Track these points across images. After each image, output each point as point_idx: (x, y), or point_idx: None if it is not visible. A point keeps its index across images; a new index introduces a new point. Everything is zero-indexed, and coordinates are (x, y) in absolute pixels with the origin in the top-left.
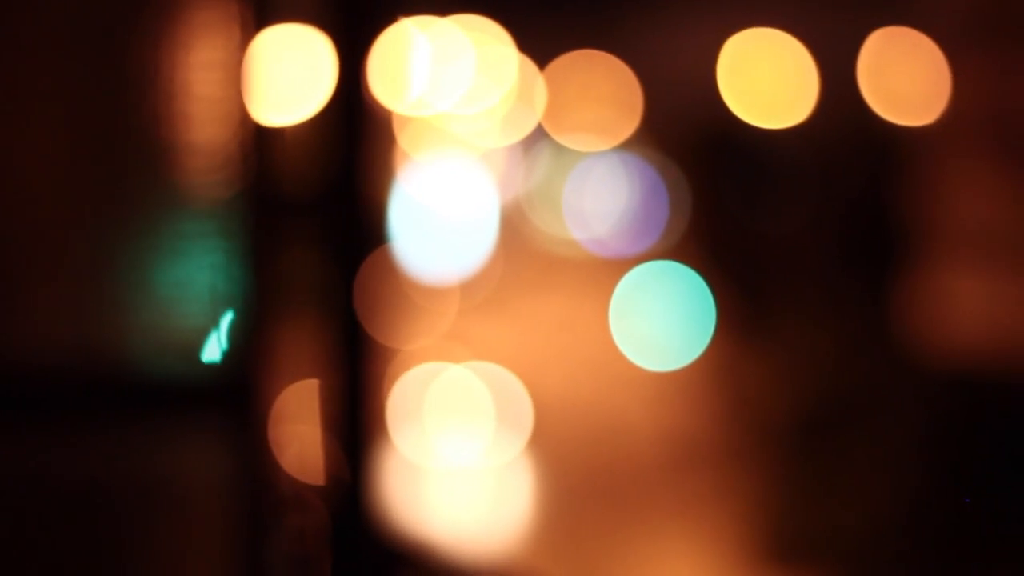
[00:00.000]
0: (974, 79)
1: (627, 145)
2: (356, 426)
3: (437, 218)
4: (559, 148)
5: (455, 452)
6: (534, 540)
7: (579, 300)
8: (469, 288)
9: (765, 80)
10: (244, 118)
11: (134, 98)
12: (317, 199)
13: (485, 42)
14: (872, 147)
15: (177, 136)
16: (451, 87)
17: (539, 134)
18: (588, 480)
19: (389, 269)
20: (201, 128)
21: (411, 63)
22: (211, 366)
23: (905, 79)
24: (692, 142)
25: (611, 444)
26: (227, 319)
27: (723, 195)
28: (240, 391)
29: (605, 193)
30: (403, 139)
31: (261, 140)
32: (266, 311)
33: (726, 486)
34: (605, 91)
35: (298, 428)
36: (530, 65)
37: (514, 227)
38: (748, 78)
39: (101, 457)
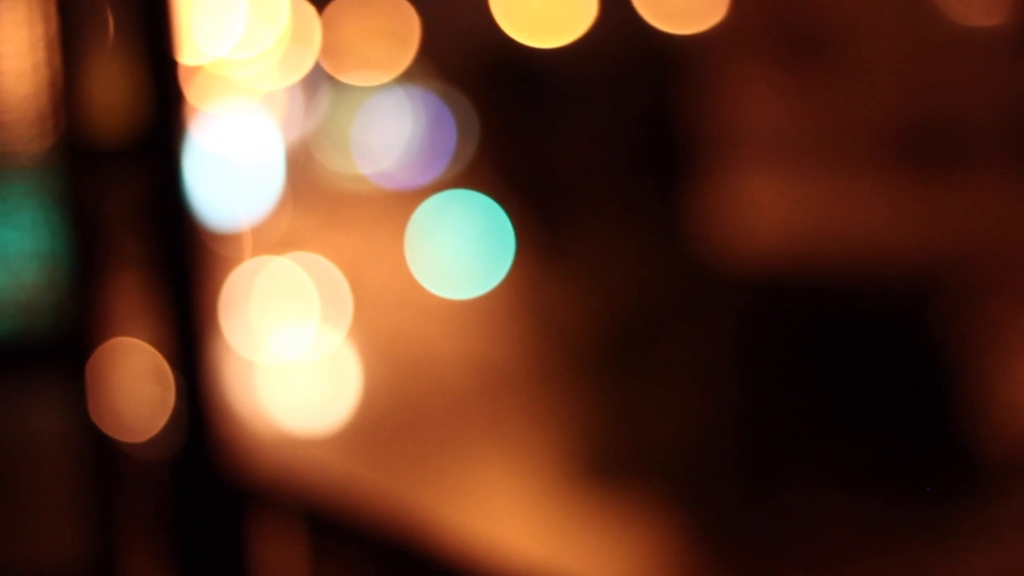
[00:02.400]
0: None
1: (409, 78)
2: (190, 365)
3: (224, 166)
4: (341, 86)
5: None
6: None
7: (374, 236)
8: (262, 232)
9: (537, 1)
10: (50, 73)
11: None
12: (127, 146)
13: None
14: (652, 59)
15: None
16: (225, 33)
17: (319, 74)
18: (404, 414)
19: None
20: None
21: (188, 12)
22: (42, 322)
23: None
24: (473, 69)
25: (421, 376)
26: (53, 274)
27: (509, 119)
28: (74, 344)
29: (390, 127)
30: (188, 88)
31: (68, 94)
32: (90, 261)
33: (539, 408)
34: (382, 26)
35: (133, 376)
36: (306, 7)
37: (301, 167)
38: (521, 1)
39: None
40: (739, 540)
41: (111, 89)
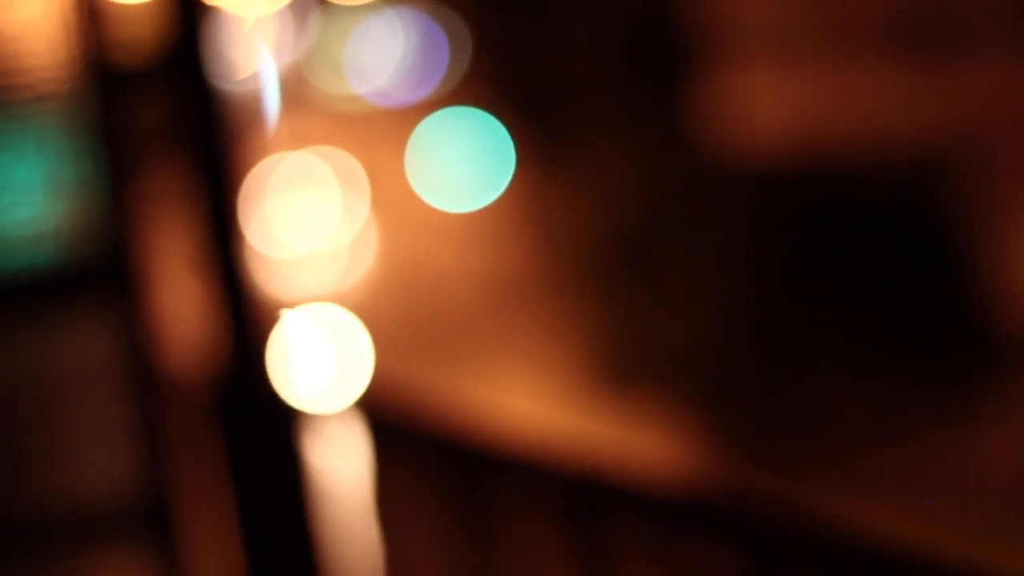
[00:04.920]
0: None
1: None
2: (231, 292)
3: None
4: (331, 8)
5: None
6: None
7: (374, 154)
8: (260, 170)
9: None
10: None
11: None
12: (156, 65)
13: None
14: None
15: None
16: None
17: None
18: (417, 329)
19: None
20: (27, 14)
21: None
22: (83, 249)
23: None
24: None
25: (431, 291)
26: (91, 200)
27: (501, 30)
28: (116, 268)
29: (382, 47)
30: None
31: (92, 16)
32: (126, 185)
33: (552, 317)
34: None
35: (175, 298)
36: None
37: (295, 91)
38: None
39: None
40: (759, 432)
41: (135, 9)
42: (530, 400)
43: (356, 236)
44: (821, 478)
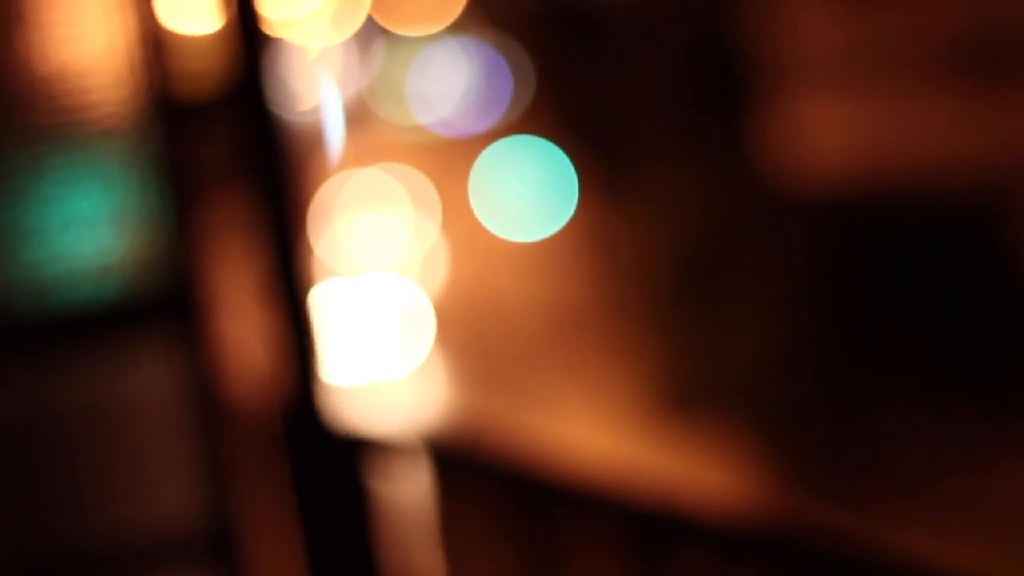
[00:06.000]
0: None
1: (461, 28)
2: (295, 322)
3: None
4: (394, 39)
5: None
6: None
7: (438, 182)
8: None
9: None
10: (138, 30)
11: None
12: (220, 98)
13: None
14: None
15: (59, 64)
16: None
17: (372, 28)
18: (481, 359)
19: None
20: (94, 49)
21: None
22: (148, 281)
23: None
24: (525, 14)
25: (498, 320)
26: (155, 232)
27: (564, 60)
28: (180, 300)
29: (445, 76)
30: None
31: (156, 49)
32: (190, 217)
33: (615, 347)
34: None
35: (239, 329)
36: None
37: (359, 121)
38: None
39: (50, 387)
40: (823, 460)
41: (199, 41)
42: (594, 429)
43: (426, 255)
44: (885, 508)
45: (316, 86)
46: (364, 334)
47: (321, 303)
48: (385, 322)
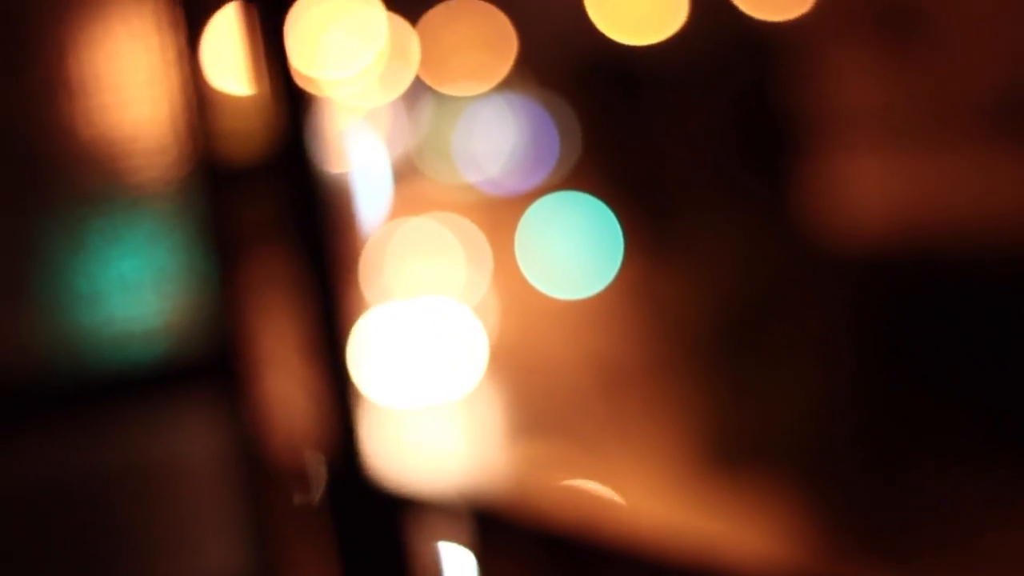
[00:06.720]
0: None
1: (508, 86)
2: (340, 381)
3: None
4: (441, 98)
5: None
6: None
7: (488, 240)
8: (374, 245)
9: None
10: (187, 97)
11: (43, 100)
12: (265, 161)
13: (351, 7)
14: (748, 46)
15: (105, 129)
16: (324, 54)
17: (420, 87)
18: (529, 415)
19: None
20: (139, 114)
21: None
22: (192, 343)
23: None
24: (571, 72)
25: (542, 376)
26: (199, 295)
27: (610, 118)
28: (224, 362)
29: (492, 135)
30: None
31: (201, 113)
32: (234, 280)
33: (661, 402)
34: (478, 36)
35: (284, 393)
36: (401, 22)
37: (407, 180)
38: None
39: (95, 450)
40: (867, 519)
41: (242, 104)
42: (639, 486)
43: (477, 305)
44: (927, 567)
45: (364, 146)
46: (413, 368)
47: (367, 356)
48: (434, 357)
